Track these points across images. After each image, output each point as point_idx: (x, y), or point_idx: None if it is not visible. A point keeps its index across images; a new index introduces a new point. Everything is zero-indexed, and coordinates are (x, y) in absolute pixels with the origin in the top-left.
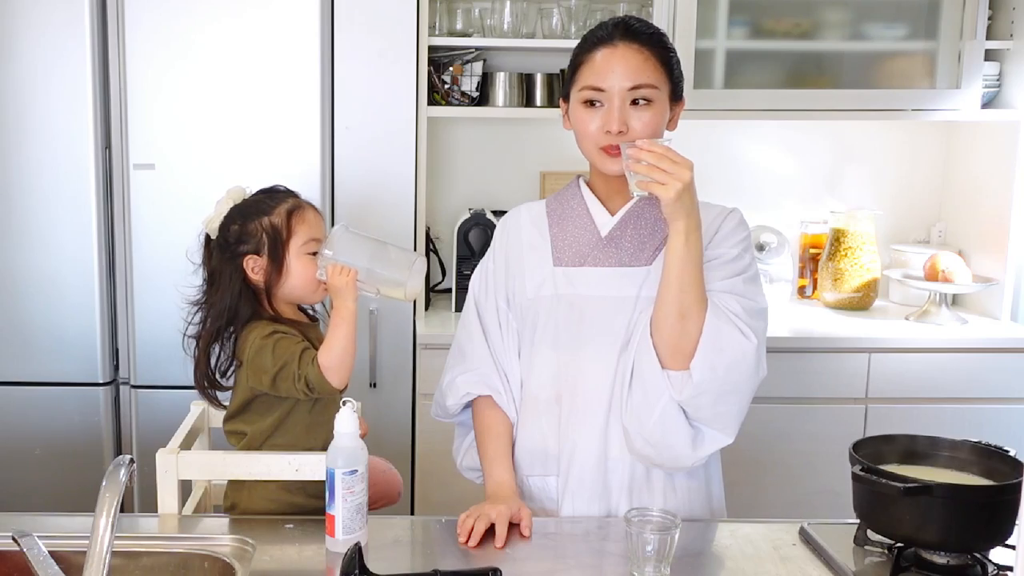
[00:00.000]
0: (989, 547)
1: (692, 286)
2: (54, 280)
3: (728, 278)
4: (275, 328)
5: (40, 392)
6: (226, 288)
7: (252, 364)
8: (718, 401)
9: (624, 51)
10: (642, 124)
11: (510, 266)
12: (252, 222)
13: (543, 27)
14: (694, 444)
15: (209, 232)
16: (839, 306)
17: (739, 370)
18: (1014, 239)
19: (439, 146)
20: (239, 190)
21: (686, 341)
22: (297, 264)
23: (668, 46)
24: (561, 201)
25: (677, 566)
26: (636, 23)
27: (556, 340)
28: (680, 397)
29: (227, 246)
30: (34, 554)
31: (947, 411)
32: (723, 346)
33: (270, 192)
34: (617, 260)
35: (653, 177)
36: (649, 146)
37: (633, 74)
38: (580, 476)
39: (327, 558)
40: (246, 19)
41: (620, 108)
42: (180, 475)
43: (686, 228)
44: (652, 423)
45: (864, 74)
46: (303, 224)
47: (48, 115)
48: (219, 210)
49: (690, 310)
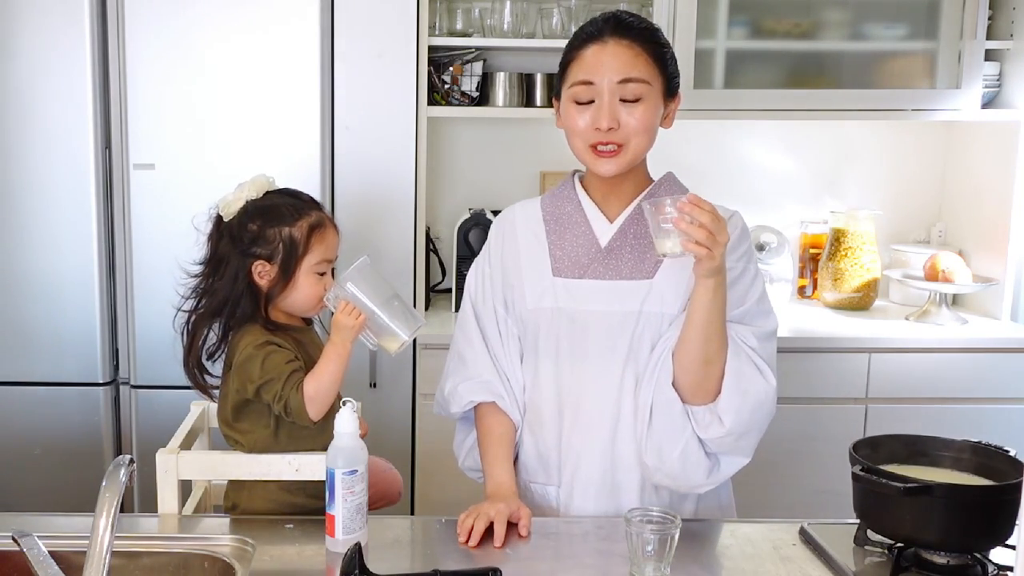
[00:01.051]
0: (989, 547)
1: (717, 335)
2: (54, 280)
3: (739, 305)
4: (269, 338)
5: (40, 392)
6: (229, 281)
7: (240, 369)
8: (740, 439)
9: (614, 47)
10: (634, 120)
11: (507, 273)
12: (272, 228)
13: (543, 27)
14: (710, 473)
15: (223, 215)
16: (839, 306)
17: (762, 412)
18: (1014, 239)
19: (439, 146)
20: (264, 181)
21: (708, 382)
22: (305, 281)
23: (660, 41)
24: (557, 204)
25: (677, 566)
26: (627, 17)
27: (558, 353)
28: (705, 435)
29: (240, 243)
30: (34, 554)
31: (947, 411)
32: (745, 389)
33: (295, 198)
34: (617, 272)
35: (696, 238)
36: (699, 203)
37: (623, 68)
38: (585, 487)
39: (327, 558)
40: (246, 19)
41: (610, 103)
42: (180, 475)
43: (716, 284)
44: (674, 458)
45: (864, 74)
46: (322, 244)
47: (48, 115)
48: (239, 195)
49: (714, 356)
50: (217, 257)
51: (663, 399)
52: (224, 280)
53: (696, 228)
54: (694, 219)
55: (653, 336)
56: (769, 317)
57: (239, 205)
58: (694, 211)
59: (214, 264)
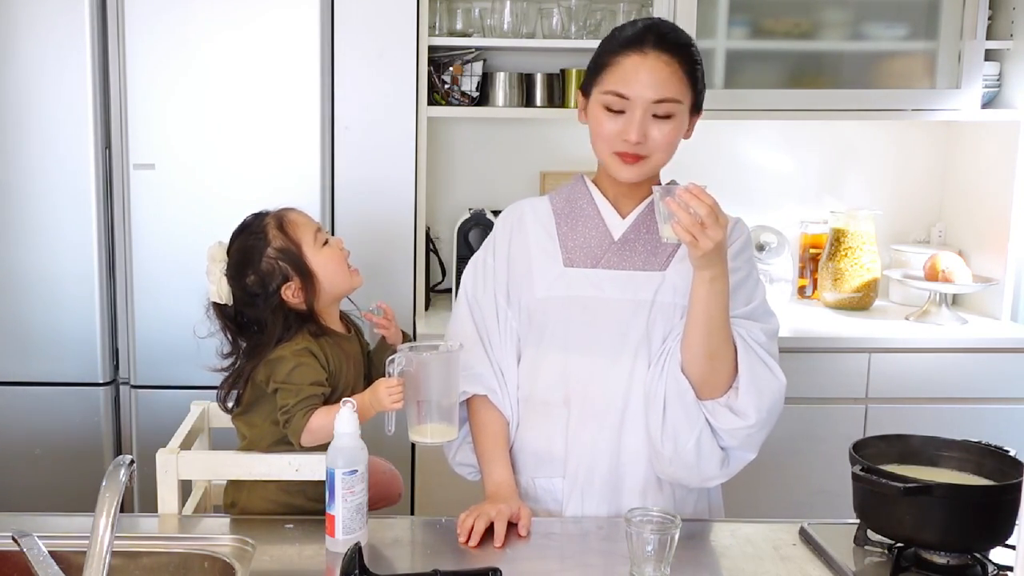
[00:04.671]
0: (989, 547)
1: (719, 328)
2: (54, 280)
3: (748, 303)
4: (308, 345)
5: (40, 392)
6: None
7: (269, 364)
8: (755, 434)
9: (654, 61)
10: (662, 136)
11: (515, 265)
12: (260, 263)
13: (543, 27)
14: (723, 465)
15: (218, 300)
16: (839, 306)
17: (776, 410)
18: (1014, 239)
19: (439, 146)
20: (216, 248)
21: (716, 377)
22: (319, 259)
23: (696, 58)
24: (568, 199)
25: (677, 566)
26: (668, 30)
27: (566, 342)
28: (726, 426)
29: (258, 297)
30: (34, 554)
31: (947, 411)
32: (761, 388)
33: (241, 231)
34: (631, 264)
35: (690, 229)
36: (699, 194)
37: (660, 87)
38: (590, 478)
39: (327, 558)
40: (246, 19)
41: (642, 119)
42: (180, 475)
43: (712, 276)
44: (689, 448)
45: (864, 74)
46: (297, 227)
47: (48, 115)
48: (214, 277)
49: (718, 350)
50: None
51: (676, 388)
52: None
53: (684, 213)
54: (691, 207)
55: (665, 327)
56: (773, 318)
57: (224, 283)
58: (692, 201)
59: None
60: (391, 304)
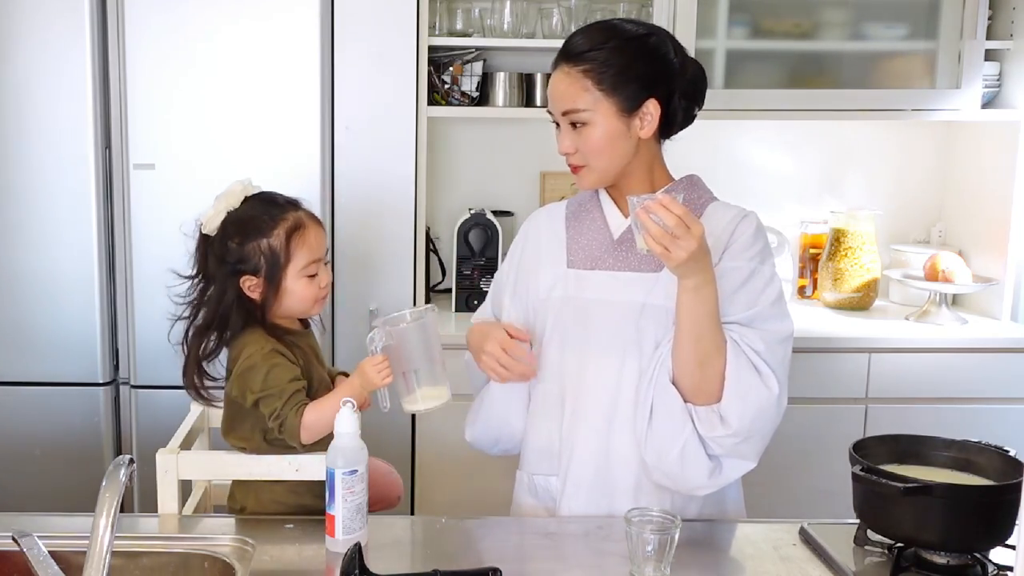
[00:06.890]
0: (989, 547)
1: (708, 335)
2: (54, 280)
3: (749, 308)
4: (274, 346)
5: (40, 392)
6: (218, 297)
7: (241, 378)
8: (744, 442)
9: (557, 75)
10: (586, 143)
11: (525, 265)
12: (251, 242)
13: (543, 27)
14: (712, 474)
15: (205, 230)
16: (839, 306)
17: (763, 418)
18: (1014, 239)
19: (439, 146)
20: (239, 188)
21: (707, 383)
22: (295, 286)
23: (604, 60)
24: (580, 202)
25: (677, 566)
26: (578, 39)
27: (563, 341)
28: (709, 434)
29: (225, 262)
30: (34, 554)
31: (947, 411)
32: (744, 394)
33: (269, 203)
34: (627, 264)
35: (660, 240)
36: (667, 204)
37: (560, 100)
38: (578, 477)
39: (327, 558)
40: (246, 19)
41: (564, 131)
42: (180, 475)
43: (695, 284)
44: (672, 458)
45: (864, 74)
46: (303, 247)
47: (48, 115)
48: (217, 208)
49: (708, 357)
50: (206, 275)
51: (664, 398)
52: (214, 296)
53: (652, 224)
54: (659, 219)
55: (657, 331)
56: (783, 321)
57: (219, 219)
58: (660, 211)
59: (204, 280)
60: (391, 304)
